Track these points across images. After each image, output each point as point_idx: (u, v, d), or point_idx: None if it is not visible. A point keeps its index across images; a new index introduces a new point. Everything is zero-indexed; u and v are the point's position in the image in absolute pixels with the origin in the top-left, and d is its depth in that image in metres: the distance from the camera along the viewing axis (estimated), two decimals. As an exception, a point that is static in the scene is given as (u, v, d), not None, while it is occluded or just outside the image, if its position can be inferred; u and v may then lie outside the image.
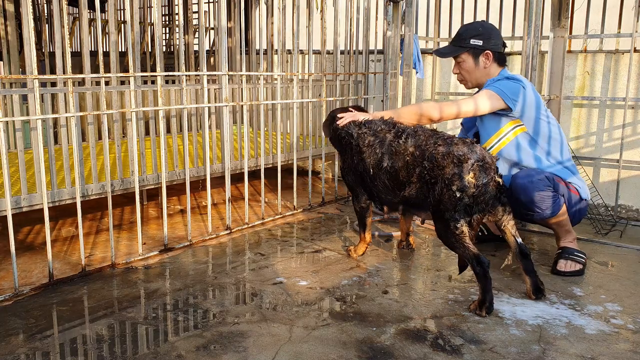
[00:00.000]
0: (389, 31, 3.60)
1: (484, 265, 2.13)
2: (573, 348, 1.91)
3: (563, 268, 2.58)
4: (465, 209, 2.15)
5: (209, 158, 3.22)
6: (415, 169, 2.30)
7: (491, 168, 2.17)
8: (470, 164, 2.14)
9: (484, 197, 2.15)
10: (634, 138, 3.52)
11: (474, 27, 2.75)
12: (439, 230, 2.27)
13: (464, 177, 2.13)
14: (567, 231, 2.67)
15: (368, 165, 2.52)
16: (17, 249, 2.76)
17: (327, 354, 1.86)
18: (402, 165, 2.36)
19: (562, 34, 3.50)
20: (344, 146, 2.70)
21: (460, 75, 2.81)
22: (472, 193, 2.13)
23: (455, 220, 2.17)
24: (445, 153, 2.19)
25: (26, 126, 3.75)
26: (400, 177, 2.38)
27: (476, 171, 2.13)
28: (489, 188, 2.15)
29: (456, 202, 2.15)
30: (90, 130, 2.81)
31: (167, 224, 2.96)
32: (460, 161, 2.15)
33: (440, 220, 2.23)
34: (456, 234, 2.18)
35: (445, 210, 2.18)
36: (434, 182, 2.21)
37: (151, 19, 6.76)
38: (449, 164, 2.16)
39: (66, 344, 1.94)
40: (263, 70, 4.78)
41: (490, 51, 2.69)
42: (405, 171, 2.35)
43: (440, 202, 2.19)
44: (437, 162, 2.20)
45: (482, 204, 2.16)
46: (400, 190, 2.41)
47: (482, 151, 2.21)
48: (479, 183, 2.13)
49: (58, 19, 2.63)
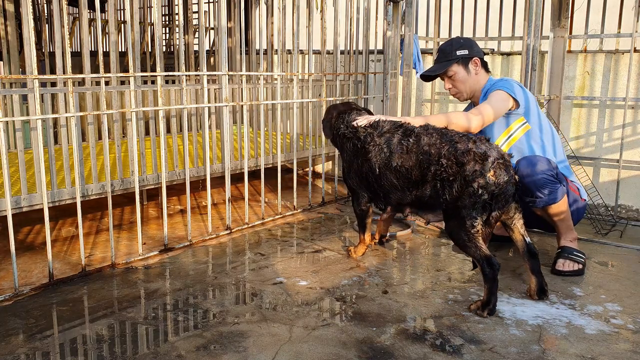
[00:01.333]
0: (389, 31, 3.60)
1: (494, 268, 2.13)
2: (573, 348, 1.91)
3: (562, 267, 2.59)
4: (484, 207, 2.15)
5: (209, 158, 3.22)
6: (430, 167, 2.27)
7: (510, 166, 2.18)
8: (491, 162, 2.14)
9: (504, 195, 2.15)
10: (634, 138, 3.52)
11: (455, 41, 2.83)
12: (451, 228, 2.24)
13: (486, 175, 2.13)
14: (569, 228, 2.68)
15: (374, 164, 2.48)
16: (17, 249, 2.77)
17: (327, 354, 1.86)
18: (415, 164, 2.33)
19: (562, 34, 3.50)
20: (347, 147, 2.66)
21: (454, 88, 2.84)
22: (492, 190, 2.12)
23: (472, 218, 2.15)
24: (464, 150, 2.18)
25: (26, 126, 3.75)
26: (412, 176, 2.35)
27: (497, 169, 2.13)
28: (509, 186, 2.15)
29: (476, 200, 2.14)
30: (90, 130, 2.81)
31: (167, 224, 2.96)
32: (481, 159, 2.15)
33: (456, 218, 2.21)
34: (471, 232, 2.17)
35: (463, 207, 2.16)
36: (451, 180, 2.19)
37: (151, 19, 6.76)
38: (470, 161, 2.15)
39: (66, 344, 1.94)
40: (263, 70, 4.78)
41: (477, 57, 2.77)
42: (419, 170, 2.32)
43: (458, 199, 2.18)
44: (456, 160, 2.19)
45: (501, 201, 2.16)
46: (412, 190, 2.39)
47: (499, 149, 2.22)
48: (499, 181, 2.13)
49: (58, 19, 2.64)
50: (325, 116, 2.88)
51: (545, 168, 2.51)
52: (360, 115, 2.71)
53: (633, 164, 3.54)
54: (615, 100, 3.54)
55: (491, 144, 2.23)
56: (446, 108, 4.23)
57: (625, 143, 3.50)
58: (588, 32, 3.69)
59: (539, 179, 2.49)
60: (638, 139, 3.52)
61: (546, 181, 2.50)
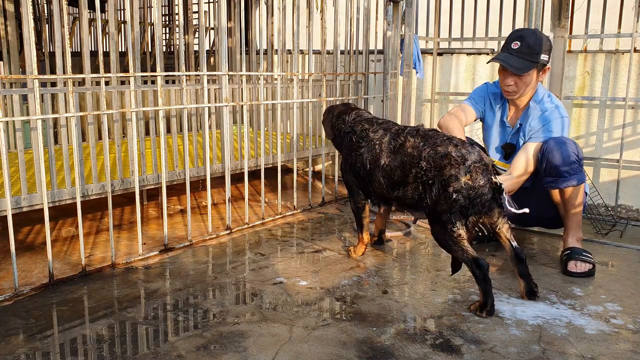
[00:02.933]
0: (389, 31, 3.60)
1: (483, 269, 2.12)
2: (573, 348, 1.91)
3: (575, 269, 2.56)
4: (461, 211, 2.13)
5: (209, 158, 3.22)
6: (412, 169, 2.27)
7: (488, 169, 2.15)
8: (467, 165, 2.11)
9: (481, 199, 2.13)
10: (634, 138, 3.52)
11: (545, 40, 2.62)
12: (435, 232, 2.25)
13: (460, 179, 2.11)
14: (578, 224, 2.70)
15: (365, 160, 2.51)
16: (17, 249, 2.77)
17: (327, 354, 1.86)
18: (399, 164, 2.34)
19: (562, 34, 3.50)
20: (345, 141, 2.70)
21: (515, 86, 2.68)
22: (468, 195, 2.11)
23: (452, 223, 2.14)
24: (443, 154, 2.17)
25: (26, 126, 3.75)
26: (395, 176, 2.36)
27: (473, 172, 2.11)
28: (485, 190, 2.12)
29: (452, 204, 2.12)
30: (90, 130, 2.81)
31: (167, 224, 2.96)
32: (457, 162, 2.12)
33: (437, 222, 2.20)
34: (453, 236, 2.15)
35: (442, 212, 2.16)
36: (430, 183, 2.19)
37: (151, 19, 6.76)
38: (446, 165, 2.14)
39: (66, 344, 1.94)
40: (263, 70, 4.78)
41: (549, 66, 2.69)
42: (401, 171, 2.32)
43: (437, 203, 2.17)
44: (434, 163, 2.18)
45: (478, 205, 2.13)
46: (394, 190, 2.39)
47: (479, 152, 2.19)
48: (475, 185, 2.11)
49: (58, 19, 2.63)
50: (325, 116, 2.91)
51: (573, 148, 2.57)
52: (360, 115, 2.73)
53: (633, 164, 3.54)
54: (615, 100, 3.54)
55: (473, 147, 2.19)
56: (446, 108, 4.23)
57: (625, 143, 3.50)
58: (588, 32, 3.69)
59: (566, 157, 2.54)
60: (638, 139, 3.52)
61: (573, 161, 2.55)
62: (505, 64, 2.62)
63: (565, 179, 2.57)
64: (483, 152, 2.22)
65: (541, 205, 2.72)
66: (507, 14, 4.00)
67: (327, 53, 4.04)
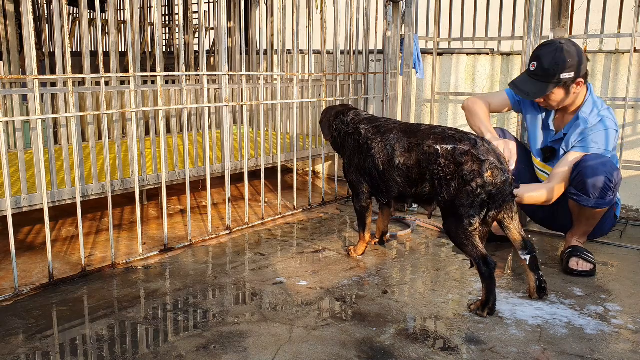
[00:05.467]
0: (389, 31, 3.60)
1: (490, 266, 2.13)
2: (573, 348, 1.91)
3: (576, 267, 2.57)
4: (481, 206, 2.16)
5: (209, 158, 3.22)
6: (429, 166, 2.29)
7: (506, 166, 2.20)
8: (489, 163, 2.15)
9: (502, 195, 2.16)
10: (634, 138, 3.52)
11: (562, 59, 2.45)
12: (449, 226, 2.25)
13: (483, 175, 2.14)
14: (586, 232, 2.68)
15: (377, 161, 2.51)
16: (17, 249, 2.77)
17: (327, 354, 1.86)
18: (415, 163, 2.35)
19: (562, 34, 3.49)
20: (349, 142, 2.69)
21: (545, 103, 2.61)
22: (490, 190, 2.14)
23: (470, 217, 2.16)
24: (463, 151, 2.20)
25: (26, 126, 3.75)
26: (412, 174, 2.38)
27: (494, 169, 2.14)
28: (506, 186, 2.16)
29: (473, 199, 2.15)
30: (90, 130, 2.81)
31: (167, 224, 2.96)
32: (479, 159, 2.16)
33: (453, 216, 2.22)
34: (468, 231, 2.18)
35: (461, 206, 2.17)
36: (449, 179, 2.21)
37: (151, 19, 6.76)
38: (468, 161, 2.17)
39: (66, 344, 1.94)
40: (263, 70, 4.78)
41: (581, 78, 2.50)
42: (418, 169, 2.35)
43: (455, 198, 2.19)
44: (453, 159, 2.20)
45: (498, 201, 2.17)
46: (412, 188, 2.41)
47: (497, 149, 2.24)
48: (496, 181, 2.14)
49: (58, 19, 2.63)
50: (323, 117, 2.91)
51: (609, 173, 2.41)
52: (358, 114, 2.73)
53: (633, 164, 3.54)
54: (615, 100, 3.54)
55: (491, 144, 2.24)
56: (446, 108, 4.23)
57: (625, 143, 3.50)
58: (588, 32, 3.69)
59: (599, 180, 2.40)
60: (638, 139, 3.52)
61: (604, 186, 2.41)
62: (518, 90, 2.59)
63: (589, 199, 2.45)
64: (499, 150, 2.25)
65: (560, 210, 2.71)
66: (507, 14, 4.00)
67: (327, 53, 4.03)
